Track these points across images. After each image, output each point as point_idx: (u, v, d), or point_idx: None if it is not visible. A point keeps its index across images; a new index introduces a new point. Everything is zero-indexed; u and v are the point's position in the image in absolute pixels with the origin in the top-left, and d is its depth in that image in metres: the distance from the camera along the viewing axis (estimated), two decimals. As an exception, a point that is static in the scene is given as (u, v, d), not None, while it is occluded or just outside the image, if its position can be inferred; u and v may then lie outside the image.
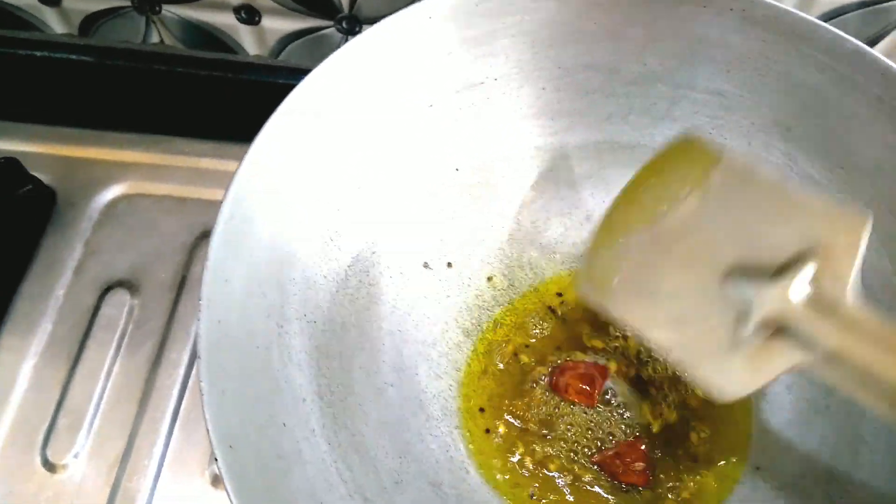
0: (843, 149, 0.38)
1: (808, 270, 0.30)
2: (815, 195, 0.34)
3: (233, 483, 0.28)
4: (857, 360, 0.29)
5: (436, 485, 0.37)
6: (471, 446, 0.39)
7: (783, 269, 0.31)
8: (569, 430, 0.41)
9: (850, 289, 0.30)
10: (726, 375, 0.31)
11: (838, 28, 0.37)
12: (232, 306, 0.32)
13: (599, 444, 0.40)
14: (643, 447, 0.40)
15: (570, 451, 0.40)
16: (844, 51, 0.36)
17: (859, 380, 0.29)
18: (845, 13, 0.49)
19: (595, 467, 0.39)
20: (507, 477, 0.39)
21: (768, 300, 0.30)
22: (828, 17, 0.49)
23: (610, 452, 0.40)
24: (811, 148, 0.40)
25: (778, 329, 0.30)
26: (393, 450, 0.37)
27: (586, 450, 0.40)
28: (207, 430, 0.28)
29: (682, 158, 0.36)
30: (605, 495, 0.39)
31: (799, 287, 0.30)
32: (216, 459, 0.28)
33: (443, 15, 0.39)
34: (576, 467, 0.40)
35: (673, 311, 0.33)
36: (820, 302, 0.30)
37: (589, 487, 0.39)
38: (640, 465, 0.39)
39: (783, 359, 0.30)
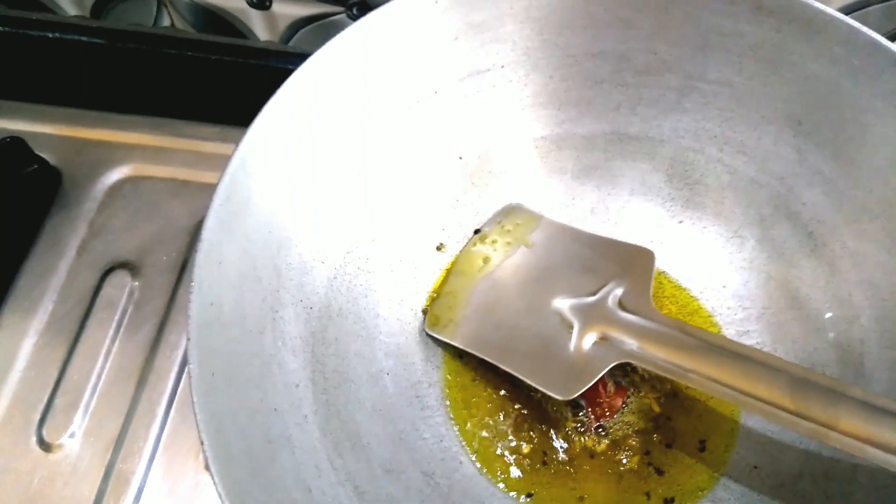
0: (855, 144, 0.37)
1: (617, 290, 0.39)
2: (615, 239, 0.43)
3: (218, 466, 0.27)
4: (656, 352, 0.36)
5: (428, 474, 0.37)
6: (464, 437, 0.39)
7: (597, 291, 0.40)
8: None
9: (649, 301, 0.38)
10: (562, 381, 0.37)
11: (859, 22, 0.35)
12: (225, 289, 0.32)
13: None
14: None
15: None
16: (860, 43, 0.35)
17: (662, 367, 0.35)
18: (867, 6, 0.48)
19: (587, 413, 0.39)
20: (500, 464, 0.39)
21: (587, 312, 0.39)
22: (849, 10, 0.48)
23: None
24: (823, 143, 0.38)
25: (600, 338, 0.38)
26: (386, 438, 0.37)
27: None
28: (194, 413, 0.28)
29: (508, 221, 0.44)
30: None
31: (609, 301, 0.39)
32: (202, 442, 0.28)
33: (449, -1, 0.38)
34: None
35: (513, 336, 0.40)
36: (627, 312, 0.38)
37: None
38: (611, 387, 0.40)
39: (604, 360, 0.37)
